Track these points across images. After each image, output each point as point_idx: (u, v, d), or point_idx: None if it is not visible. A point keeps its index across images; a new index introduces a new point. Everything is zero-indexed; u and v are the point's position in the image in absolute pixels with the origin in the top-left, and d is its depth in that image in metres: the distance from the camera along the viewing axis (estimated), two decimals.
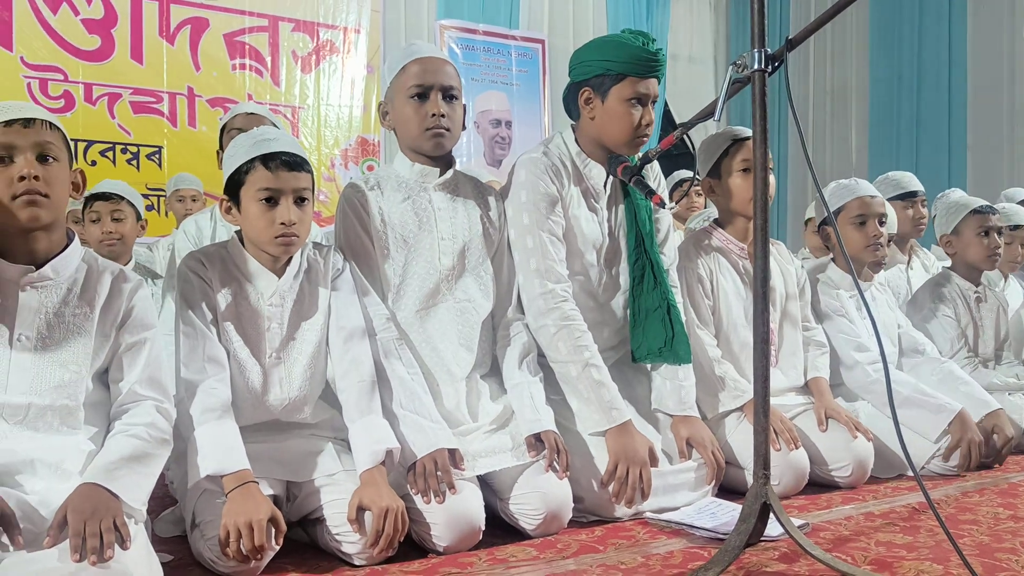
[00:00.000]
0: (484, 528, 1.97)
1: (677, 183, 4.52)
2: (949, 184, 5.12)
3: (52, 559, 1.47)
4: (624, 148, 2.37)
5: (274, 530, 1.75)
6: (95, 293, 1.76)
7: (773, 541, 1.93)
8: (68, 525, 1.50)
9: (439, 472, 1.96)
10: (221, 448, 1.82)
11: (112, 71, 5.24)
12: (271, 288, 2.02)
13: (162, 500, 2.16)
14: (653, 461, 2.22)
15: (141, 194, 3.68)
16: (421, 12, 6.40)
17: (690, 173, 4.39)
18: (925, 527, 2.09)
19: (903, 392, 2.71)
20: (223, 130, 3.08)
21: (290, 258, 2.04)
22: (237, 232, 2.07)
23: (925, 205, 3.68)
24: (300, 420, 2.06)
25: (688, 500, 2.25)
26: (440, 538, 1.91)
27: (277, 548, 1.78)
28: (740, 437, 2.45)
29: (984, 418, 2.75)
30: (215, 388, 1.90)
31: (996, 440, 2.74)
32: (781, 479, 2.37)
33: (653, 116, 2.37)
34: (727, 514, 2.11)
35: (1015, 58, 6.14)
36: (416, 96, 2.20)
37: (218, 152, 2.99)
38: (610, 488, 2.16)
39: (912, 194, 3.64)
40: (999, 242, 3.20)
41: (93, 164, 5.10)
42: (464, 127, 2.31)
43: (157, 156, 5.37)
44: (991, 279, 3.38)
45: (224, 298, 2.00)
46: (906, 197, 3.62)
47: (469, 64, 6.36)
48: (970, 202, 3.26)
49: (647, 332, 2.39)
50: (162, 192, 5.16)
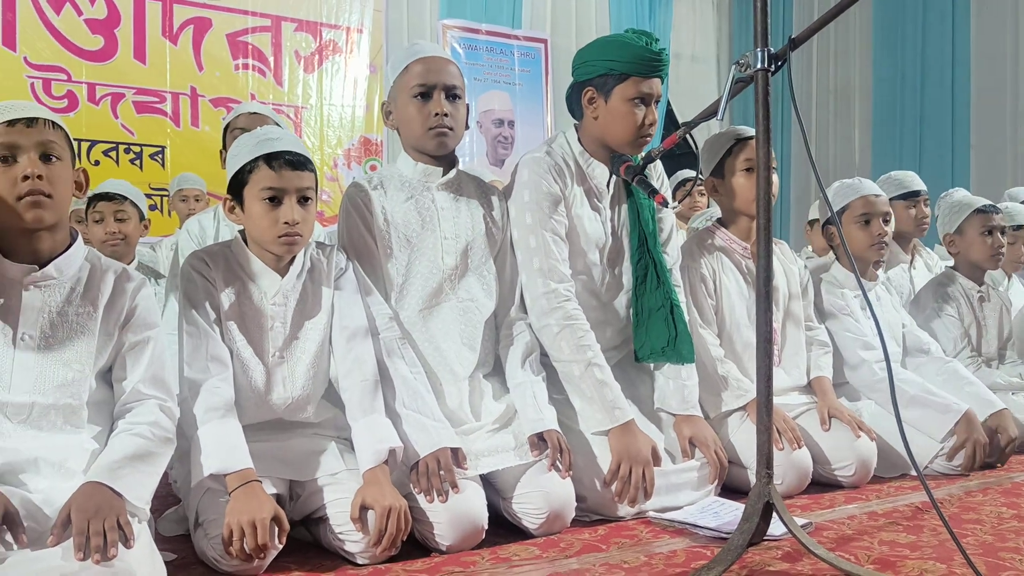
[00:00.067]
0: (487, 527, 1.97)
1: (680, 182, 4.52)
2: (953, 184, 5.11)
3: (56, 558, 1.47)
4: (627, 148, 2.37)
5: (277, 529, 1.76)
6: (98, 292, 1.77)
7: (776, 540, 1.93)
8: (72, 524, 1.51)
9: (442, 471, 1.96)
10: (224, 447, 1.83)
11: (115, 71, 5.25)
12: (274, 287, 2.02)
13: (165, 499, 2.16)
14: (656, 460, 2.22)
15: (144, 194, 3.68)
16: (424, 12, 6.41)
17: (693, 173, 4.40)
18: (928, 526, 2.09)
19: (910, 391, 2.70)
20: (226, 130, 3.08)
21: (293, 257, 2.05)
22: (240, 231, 2.07)
23: (928, 204, 3.67)
24: (303, 419, 2.06)
25: (691, 499, 2.25)
26: (443, 537, 1.91)
27: (280, 547, 1.78)
28: (743, 436, 2.45)
29: (989, 418, 2.75)
30: (218, 387, 1.90)
31: (1000, 440, 2.73)
32: (784, 478, 2.37)
33: (656, 116, 2.37)
34: (730, 513, 2.10)
35: (1019, 57, 6.13)
36: (419, 95, 2.20)
37: (221, 152, 2.99)
38: (613, 487, 2.16)
39: (915, 193, 3.63)
40: (1002, 241, 3.19)
41: (96, 164, 5.12)
42: (467, 127, 2.31)
43: (160, 156, 5.38)
44: (994, 278, 3.38)
45: (227, 297, 2.00)
46: (909, 196, 3.61)
47: (472, 64, 6.36)
48: (973, 201, 3.25)
49: (650, 331, 2.39)
50: (165, 192, 5.17)
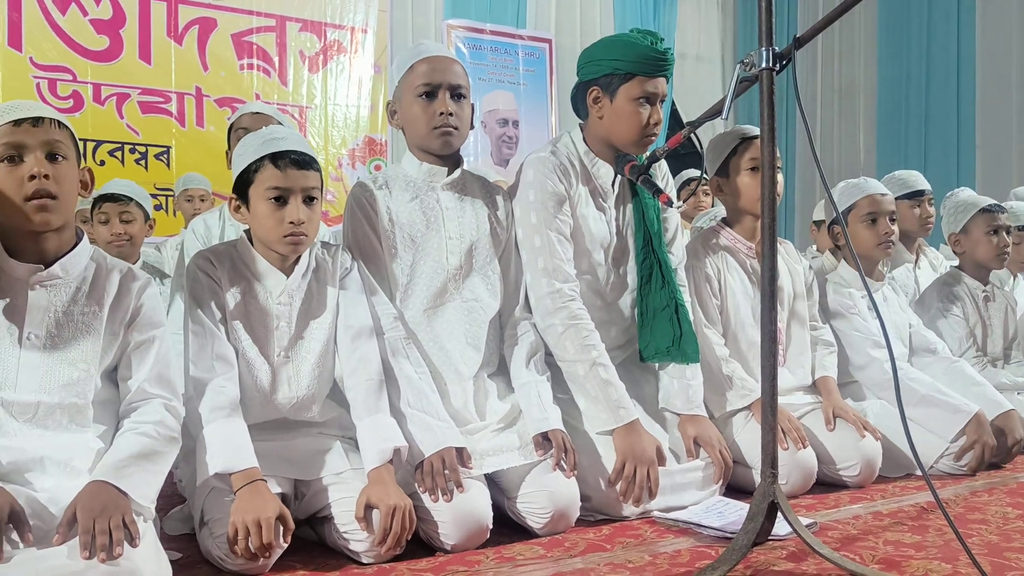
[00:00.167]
0: (491, 527, 1.97)
1: (685, 182, 4.51)
2: (958, 183, 5.09)
3: (62, 556, 1.48)
4: (632, 147, 2.37)
5: (282, 528, 1.76)
6: (104, 291, 1.77)
7: (781, 540, 1.93)
8: (77, 522, 1.51)
9: (447, 471, 1.96)
10: (230, 446, 1.83)
11: (120, 71, 5.26)
12: (280, 287, 2.02)
13: (170, 498, 2.16)
14: (660, 460, 2.22)
15: (149, 194, 3.69)
16: (428, 12, 6.40)
17: (698, 172, 4.39)
18: (934, 526, 2.09)
19: (921, 391, 2.70)
20: (230, 130, 3.09)
21: (298, 257, 2.05)
22: (246, 231, 2.08)
23: (932, 204, 3.67)
24: (308, 418, 2.06)
25: (695, 499, 2.25)
26: (448, 536, 1.92)
27: (285, 546, 1.79)
28: (747, 436, 2.45)
29: (996, 419, 2.74)
30: (224, 386, 1.90)
31: (1007, 441, 2.73)
32: (789, 478, 2.37)
33: (661, 115, 2.37)
34: (734, 513, 2.10)
35: None
36: (424, 95, 2.20)
37: (227, 152, 3.00)
38: (617, 487, 2.16)
39: (919, 193, 3.62)
40: (1008, 241, 3.18)
41: (102, 164, 5.12)
42: (472, 126, 2.31)
43: (165, 156, 5.38)
44: (1000, 278, 3.37)
45: (233, 297, 2.00)
46: (913, 196, 3.61)
47: (476, 64, 6.35)
48: (979, 201, 3.24)
49: (655, 331, 2.38)
50: (170, 192, 5.17)
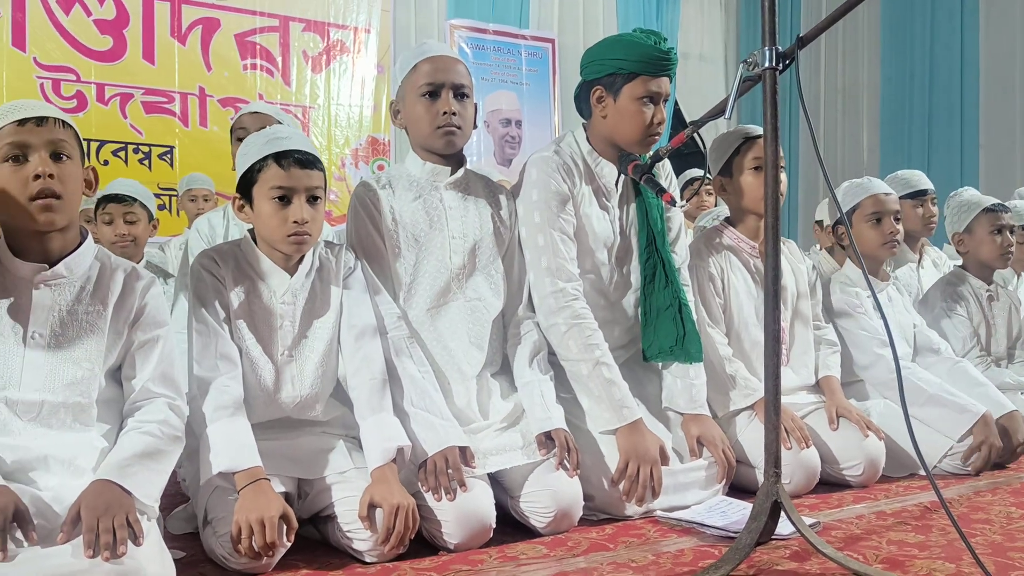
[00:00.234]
0: (495, 526, 1.97)
1: (688, 181, 4.51)
2: (962, 183, 5.08)
3: (66, 555, 1.48)
4: (636, 147, 2.37)
5: (286, 527, 1.76)
6: (108, 291, 1.77)
7: (784, 540, 1.93)
8: (82, 521, 1.51)
9: (450, 470, 1.96)
10: (233, 445, 1.83)
11: (124, 71, 5.26)
12: (283, 286, 2.03)
13: (174, 497, 2.16)
14: (664, 459, 2.22)
15: (153, 194, 3.69)
16: (431, 12, 6.41)
17: (701, 172, 4.39)
18: (937, 526, 2.09)
19: (928, 390, 2.70)
20: (232, 130, 3.09)
21: (302, 256, 2.05)
22: (250, 230, 2.08)
23: (935, 204, 3.66)
24: (312, 418, 2.07)
25: (699, 498, 2.25)
26: (451, 535, 1.92)
27: (288, 545, 1.79)
28: (751, 435, 2.44)
29: (999, 419, 2.72)
30: (227, 385, 1.91)
31: (1011, 442, 2.72)
32: (792, 478, 2.37)
33: (665, 115, 2.37)
34: (738, 512, 2.10)
35: None
36: (427, 94, 2.20)
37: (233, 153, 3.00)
38: (620, 486, 2.16)
39: (922, 192, 3.62)
40: (1011, 240, 3.18)
41: (105, 164, 5.13)
42: (475, 126, 2.31)
43: (169, 156, 5.39)
44: (1003, 278, 3.37)
45: (237, 296, 2.01)
46: (916, 196, 3.60)
47: (479, 64, 6.35)
48: (982, 200, 3.24)
49: (658, 331, 2.38)
50: (174, 192, 5.18)
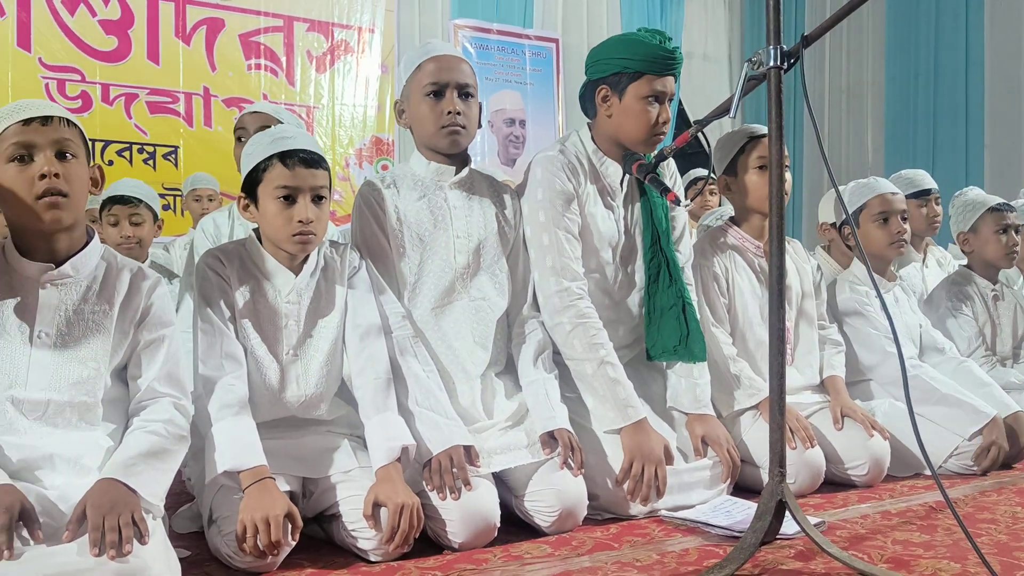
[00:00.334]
0: (499, 525, 1.97)
1: (692, 181, 4.51)
2: (966, 182, 5.08)
3: (71, 553, 1.49)
4: (641, 146, 2.37)
5: (290, 526, 1.76)
6: (114, 290, 1.78)
7: (789, 539, 1.93)
8: (87, 520, 1.52)
9: (454, 469, 1.96)
10: (238, 444, 1.84)
11: (129, 71, 5.27)
12: (288, 286, 2.03)
13: (179, 496, 2.17)
14: (668, 459, 2.22)
15: (158, 194, 3.70)
16: (435, 12, 6.41)
17: (705, 171, 4.39)
18: (942, 526, 2.08)
19: (941, 390, 2.70)
20: (234, 131, 3.09)
21: (307, 256, 2.05)
22: (255, 230, 2.08)
23: (939, 203, 3.66)
24: (316, 417, 2.07)
25: (703, 498, 2.25)
26: (455, 535, 1.92)
27: (293, 544, 1.79)
28: (755, 435, 2.44)
29: (1004, 420, 2.73)
30: (232, 385, 1.91)
31: (1018, 442, 2.72)
32: (797, 477, 2.37)
33: (670, 114, 2.37)
34: (742, 512, 2.10)
35: None
36: (432, 94, 2.20)
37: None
38: (625, 486, 2.16)
39: (926, 192, 3.62)
40: (1017, 240, 3.18)
41: (110, 164, 5.14)
42: (480, 125, 2.31)
43: (173, 156, 5.40)
44: (1008, 277, 3.36)
45: (242, 295, 2.01)
46: (920, 195, 3.60)
47: (483, 63, 6.35)
48: (987, 200, 3.24)
49: (662, 330, 2.38)
50: (178, 192, 5.20)
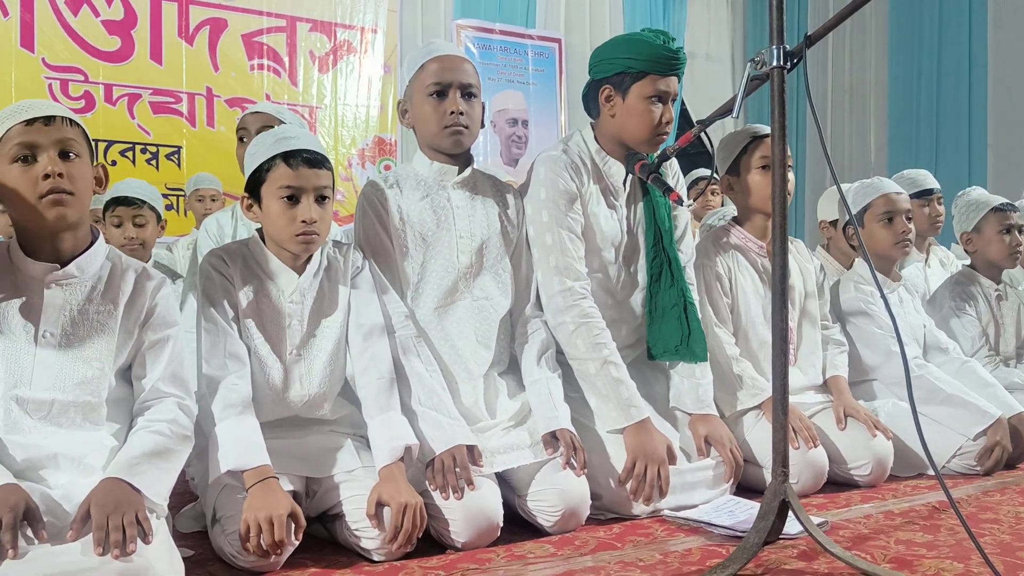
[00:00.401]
0: (502, 524, 1.98)
1: (694, 181, 4.51)
2: (970, 182, 5.08)
3: (75, 553, 1.49)
4: (644, 146, 2.37)
5: (294, 525, 1.77)
6: (119, 291, 1.78)
7: (792, 539, 1.93)
8: (91, 519, 1.52)
9: (457, 468, 1.96)
10: (242, 444, 1.84)
11: (132, 72, 5.28)
12: (292, 285, 2.03)
13: (183, 496, 2.17)
14: (671, 459, 2.22)
15: (161, 194, 3.70)
16: (438, 12, 6.41)
17: (708, 171, 4.39)
18: (945, 526, 2.08)
19: (946, 390, 2.70)
20: (236, 131, 3.09)
21: (310, 256, 2.06)
22: (258, 230, 2.08)
23: (941, 203, 3.66)
24: (320, 416, 2.07)
25: (706, 498, 2.25)
26: (458, 534, 1.92)
27: (297, 543, 1.80)
28: (758, 435, 2.45)
29: (1008, 420, 2.72)
30: (236, 384, 1.91)
31: (1021, 442, 2.72)
32: (800, 477, 2.37)
33: (673, 114, 2.37)
34: (745, 512, 2.10)
35: None
36: (435, 94, 2.21)
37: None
38: (628, 486, 2.16)
39: (928, 192, 3.62)
40: (1020, 240, 3.17)
41: (113, 164, 5.14)
42: (483, 125, 2.31)
43: (176, 156, 5.40)
44: (1012, 277, 3.35)
45: (245, 295, 2.01)
46: (922, 195, 3.60)
47: (486, 64, 6.35)
48: (990, 199, 3.23)
49: (663, 329, 2.38)
50: (181, 192, 5.20)
